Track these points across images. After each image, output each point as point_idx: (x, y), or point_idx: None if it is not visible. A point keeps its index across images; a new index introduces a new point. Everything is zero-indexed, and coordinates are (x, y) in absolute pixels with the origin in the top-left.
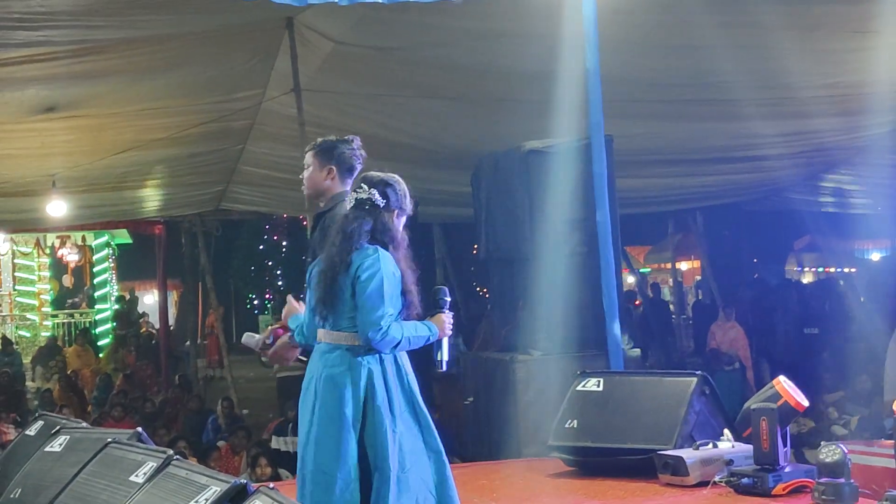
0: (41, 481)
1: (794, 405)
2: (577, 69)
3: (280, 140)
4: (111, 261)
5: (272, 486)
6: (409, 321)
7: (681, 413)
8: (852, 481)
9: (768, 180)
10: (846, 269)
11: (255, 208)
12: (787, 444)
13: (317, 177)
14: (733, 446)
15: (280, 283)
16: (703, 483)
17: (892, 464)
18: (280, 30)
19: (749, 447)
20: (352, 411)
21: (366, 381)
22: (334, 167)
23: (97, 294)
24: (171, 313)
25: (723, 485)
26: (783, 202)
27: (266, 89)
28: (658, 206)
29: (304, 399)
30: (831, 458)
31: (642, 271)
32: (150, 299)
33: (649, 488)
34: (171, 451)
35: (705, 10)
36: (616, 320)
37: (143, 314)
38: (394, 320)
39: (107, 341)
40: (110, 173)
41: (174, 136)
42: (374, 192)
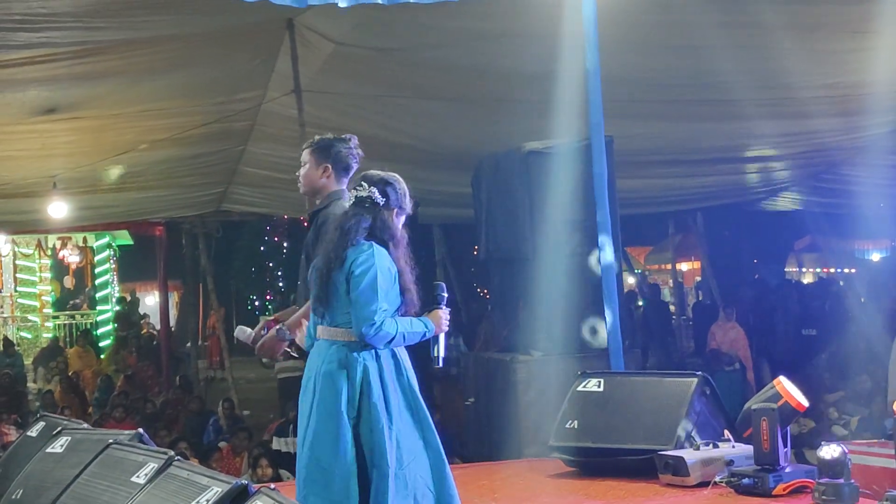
0: (42, 482)
1: (795, 405)
2: (576, 69)
3: (281, 141)
4: (112, 262)
5: (273, 486)
6: (404, 317)
7: (681, 413)
8: (852, 481)
9: (769, 181)
10: (846, 270)
11: (256, 209)
12: (788, 445)
13: (313, 174)
14: (734, 446)
15: (281, 285)
16: (703, 483)
17: (892, 464)
18: (281, 31)
19: (749, 447)
20: (347, 407)
21: (361, 377)
22: (330, 165)
23: (98, 295)
24: (172, 314)
25: (723, 485)
26: (783, 202)
27: (267, 90)
28: (658, 206)
29: (303, 395)
30: (831, 459)
31: (637, 272)
32: (151, 300)
33: (650, 489)
34: (172, 452)
35: (705, 10)
36: (617, 321)
37: (145, 315)
38: (388, 316)
39: (108, 342)
40: (111, 174)
41: (175, 138)
42: (373, 190)
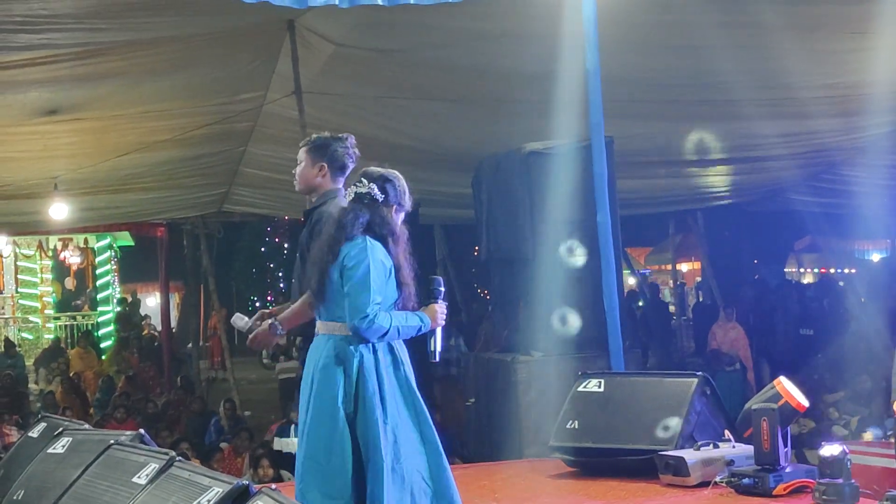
0: (44, 483)
1: (795, 405)
2: (577, 70)
3: (281, 142)
4: (113, 263)
5: (274, 487)
6: (399, 311)
7: (682, 413)
8: (853, 481)
9: (769, 181)
10: (846, 270)
11: (257, 210)
12: (788, 445)
13: (308, 173)
14: (734, 447)
15: (282, 285)
16: (704, 483)
17: (892, 464)
18: (281, 32)
19: (750, 448)
20: (344, 401)
21: (357, 371)
22: (326, 164)
23: (100, 296)
24: (174, 315)
25: (724, 485)
26: (783, 203)
27: (267, 91)
28: (658, 206)
29: (302, 390)
30: (832, 459)
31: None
32: (152, 301)
33: (650, 489)
34: (174, 453)
35: (705, 10)
36: (617, 321)
37: (146, 316)
38: (381, 309)
39: (109, 343)
40: (112, 176)
41: (176, 139)
42: (373, 186)
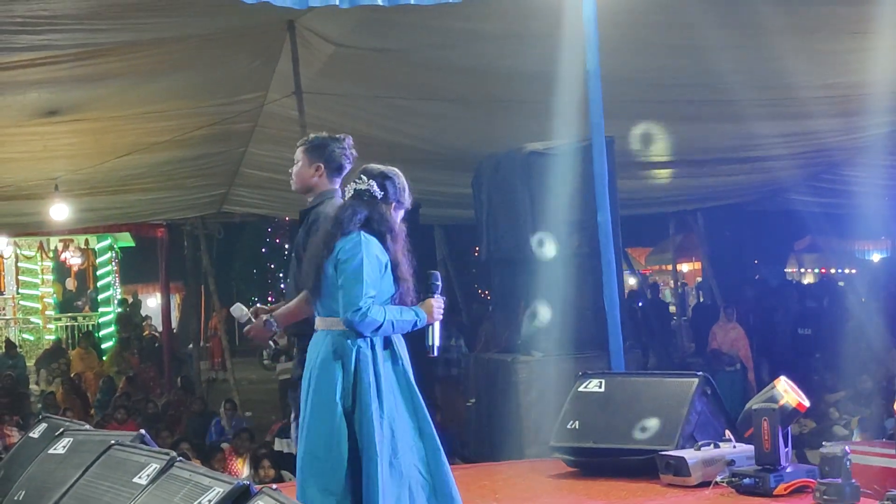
0: (45, 483)
1: (796, 405)
2: (577, 70)
3: (282, 142)
4: (114, 264)
5: (275, 487)
6: (394, 305)
7: (682, 413)
8: (853, 481)
9: (769, 181)
10: (846, 270)
11: (258, 211)
12: (789, 445)
13: (305, 173)
14: (735, 447)
15: (282, 286)
16: (704, 483)
17: (893, 464)
18: (281, 32)
19: (750, 447)
20: (342, 396)
21: (355, 366)
22: (323, 165)
23: (100, 297)
24: (174, 316)
25: (724, 485)
26: (784, 203)
27: (268, 92)
28: (659, 206)
29: (302, 386)
30: (833, 458)
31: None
32: (153, 302)
33: (651, 489)
34: (174, 453)
35: (705, 10)
36: (618, 321)
37: (147, 317)
38: (374, 303)
39: (110, 344)
40: (113, 176)
41: (176, 139)
42: (372, 183)
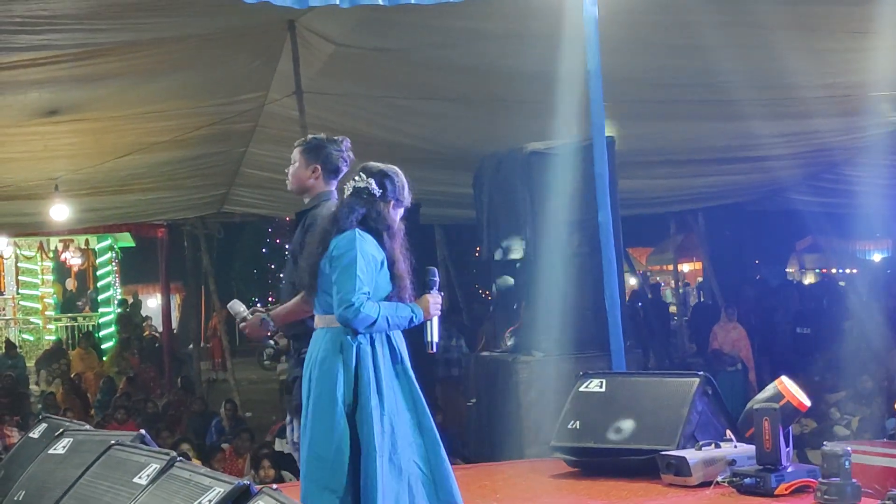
0: (45, 483)
1: (797, 405)
2: (578, 70)
3: (282, 142)
4: (114, 264)
5: (275, 487)
6: (390, 302)
7: (683, 413)
8: (854, 481)
9: (770, 181)
10: (847, 270)
11: (258, 211)
12: (790, 445)
13: (301, 174)
14: (736, 446)
15: (283, 286)
16: (705, 483)
17: (893, 463)
18: (282, 32)
19: (751, 447)
20: (342, 393)
21: (356, 362)
22: (319, 167)
23: (100, 297)
24: (175, 316)
25: (725, 485)
26: (785, 202)
27: (268, 92)
28: (659, 206)
29: (304, 384)
30: (834, 458)
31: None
32: (153, 302)
33: (652, 489)
34: (174, 453)
35: (705, 10)
36: (618, 321)
37: (147, 318)
38: (368, 299)
39: (110, 344)
40: (113, 176)
41: (177, 139)
42: (371, 181)
